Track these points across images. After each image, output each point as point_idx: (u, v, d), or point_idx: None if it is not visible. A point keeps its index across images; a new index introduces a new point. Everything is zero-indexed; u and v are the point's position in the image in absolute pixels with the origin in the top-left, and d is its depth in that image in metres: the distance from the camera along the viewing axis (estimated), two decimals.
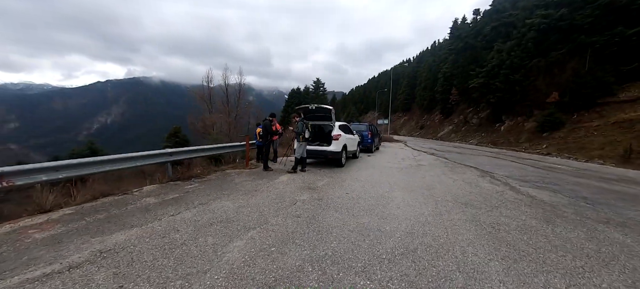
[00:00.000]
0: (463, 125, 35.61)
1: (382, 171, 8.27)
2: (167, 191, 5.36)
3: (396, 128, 61.43)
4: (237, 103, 20.72)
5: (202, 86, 20.36)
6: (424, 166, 9.53)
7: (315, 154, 8.37)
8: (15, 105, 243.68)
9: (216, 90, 20.85)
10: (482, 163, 10.94)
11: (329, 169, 8.24)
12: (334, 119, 8.54)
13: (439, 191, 5.84)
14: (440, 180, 7.18)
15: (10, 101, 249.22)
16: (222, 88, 20.78)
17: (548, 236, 3.60)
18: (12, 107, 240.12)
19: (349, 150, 9.46)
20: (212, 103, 19.95)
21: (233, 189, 5.59)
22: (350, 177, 7.09)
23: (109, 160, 4.84)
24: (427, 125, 49.30)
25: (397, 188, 6.05)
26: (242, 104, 21.51)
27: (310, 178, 6.80)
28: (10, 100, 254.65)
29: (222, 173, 7.26)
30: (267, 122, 7.70)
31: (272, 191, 5.45)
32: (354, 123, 15.66)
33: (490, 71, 27.65)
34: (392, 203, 4.87)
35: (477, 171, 8.84)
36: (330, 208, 4.44)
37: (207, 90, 20.56)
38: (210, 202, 4.67)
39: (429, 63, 56.08)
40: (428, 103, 51.84)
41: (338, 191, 5.55)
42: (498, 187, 6.52)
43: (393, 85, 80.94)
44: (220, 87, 21.06)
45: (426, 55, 72.80)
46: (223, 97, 19.72)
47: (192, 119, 19.14)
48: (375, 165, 9.46)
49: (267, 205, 4.56)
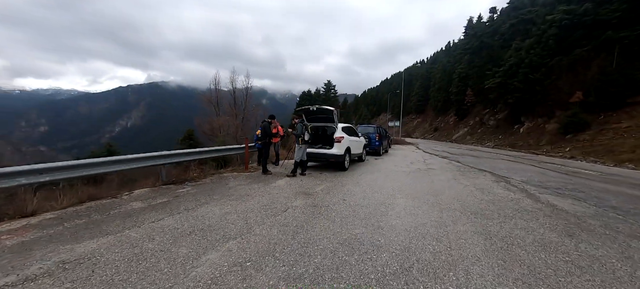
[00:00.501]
0: (479, 127, 34.28)
1: (387, 175, 7.82)
2: (156, 195, 5.17)
3: (409, 131, 60.13)
4: (244, 105, 20.78)
5: (210, 89, 20.64)
6: (433, 171, 8.99)
7: (317, 157, 8.04)
8: (45, 109, 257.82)
9: (224, 93, 21.06)
10: (497, 168, 10.24)
11: (332, 173, 7.88)
12: (337, 121, 8.18)
13: (446, 198, 5.35)
14: (450, 185, 6.66)
15: (41, 106, 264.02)
16: (229, 91, 20.96)
17: (571, 254, 3.10)
18: (43, 111, 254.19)
19: (354, 153, 9.06)
20: (219, 106, 20.07)
21: (225, 194, 5.34)
22: (351, 181, 6.70)
23: (96, 163, 4.71)
24: (441, 127, 47.92)
25: (400, 194, 5.61)
26: (250, 106, 21.52)
27: (308, 183, 6.47)
28: (41, 105, 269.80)
29: (219, 176, 7.05)
30: (265, 124, 7.45)
31: (265, 197, 5.16)
32: (362, 125, 15.21)
33: (508, 70, 26.44)
34: (392, 211, 4.45)
35: (491, 176, 8.22)
36: (322, 217, 4.08)
37: (214, 93, 20.76)
38: (197, 208, 4.42)
39: (443, 64, 54.68)
40: (442, 105, 50.46)
41: (335, 197, 5.19)
42: (514, 194, 5.94)
43: (406, 87, 79.62)
44: (227, 90, 21.27)
45: (440, 56, 71.16)
46: (230, 99, 19.81)
47: (199, 122, 19.30)
48: (381, 169, 9.01)
49: (255, 212, 4.26)
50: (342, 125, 8.61)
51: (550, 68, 23.41)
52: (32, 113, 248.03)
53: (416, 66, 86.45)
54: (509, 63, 26.50)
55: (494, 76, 28.47)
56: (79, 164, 4.39)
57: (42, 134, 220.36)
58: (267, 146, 7.48)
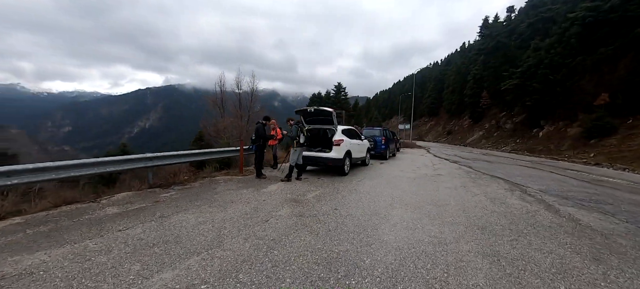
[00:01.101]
0: (495, 131, 32.87)
1: (389, 181, 7.30)
2: (137, 200, 4.90)
3: (421, 134, 58.71)
4: (249, 107, 20.62)
5: (215, 91, 20.68)
6: (441, 177, 8.37)
7: (314, 161, 7.62)
8: (70, 111, 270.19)
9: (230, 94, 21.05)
10: (513, 174, 9.48)
11: (330, 178, 7.43)
12: (336, 122, 7.74)
13: (451, 210, 4.80)
14: (457, 194, 6.07)
15: (65, 108, 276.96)
16: (235, 93, 20.91)
17: (598, 284, 2.54)
18: (67, 112, 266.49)
19: (355, 157, 8.58)
20: (224, 107, 20.04)
21: (208, 199, 5.00)
22: (348, 188, 6.24)
23: (74, 165, 4.48)
24: (455, 130, 46.44)
25: (399, 203, 5.10)
26: (255, 108, 21.34)
27: (302, 188, 6.05)
28: (66, 106, 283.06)
29: (210, 180, 6.75)
30: (259, 126, 7.10)
31: (250, 204, 4.78)
32: (367, 127, 14.66)
33: (526, 71, 25.16)
34: (387, 224, 3.97)
35: (505, 184, 7.54)
36: (305, 229, 3.65)
37: (219, 95, 20.76)
38: (172, 215, 4.09)
39: (457, 66, 53.14)
40: (456, 108, 48.94)
41: (326, 206, 4.74)
42: (530, 205, 5.31)
43: (419, 89, 78.04)
44: (232, 91, 21.22)
45: (455, 58, 69.37)
46: (236, 101, 19.74)
47: (204, 124, 19.33)
48: (385, 174, 8.47)
49: (233, 222, 3.88)
50: (343, 127, 8.16)
51: (573, 68, 22.05)
52: (58, 114, 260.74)
53: (428, 68, 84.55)
54: (527, 64, 25.20)
55: (511, 77, 27.16)
56: (54, 166, 4.16)
57: (66, 134, 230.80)
58: (262, 149, 7.12)
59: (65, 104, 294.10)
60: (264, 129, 7.10)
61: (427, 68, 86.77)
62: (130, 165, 5.38)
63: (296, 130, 6.66)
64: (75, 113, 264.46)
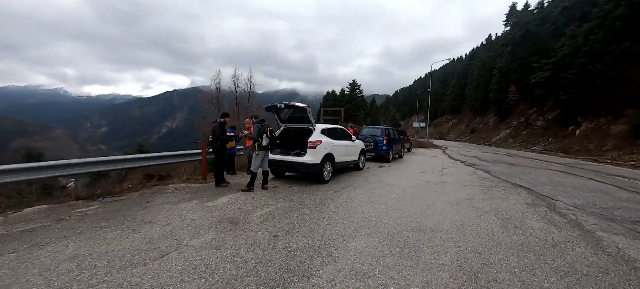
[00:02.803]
0: (524, 129, 29.83)
1: (376, 192, 5.97)
2: (41, 217, 4.02)
3: (443, 133, 55.55)
4: (246, 106, 19.85)
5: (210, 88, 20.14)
6: (446, 185, 6.89)
7: (287, 166, 6.46)
8: (106, 113, 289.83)
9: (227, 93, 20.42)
10: (540, 182, 7.74)
11: (306, 186, 6.24)
12: (313, 121, 6.53)
13: (438, 240, 3.45)
14: (458, 211, 4.66)
15: (102, 110, 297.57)
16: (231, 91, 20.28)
17: None
18: (104, 114, 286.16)
19: (342, 161, 7.31)
20: (220, 106, 19.35)
21: (126, 216, 4.02)
22: (317, 202, 5.01)
23: None
24: (479, 128, 43.20)
25: (370, 227, 3.81)
26: (252, 107, 20.52)
27: (257, 202, 4.92)
28: (103, 108, 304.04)
29: (160, 188, 5.82)
30: (216, 125, 6.07)
31: (171, 225, 3.72)
32: (367, 126, 13.23)
33: (559, 62, 22.31)
34: (330, 266, 2.74)
35: (527, 196, 5.95)
36: (197, 276, 2.52)
37: (215, 93, 20.17)
38: (50, 243, 3.12)
39: (482, 59, 49.49)
40: (480, 104, 45.51)
41: (268, 231, 3.58)
42: (558, 232, 3.81)
43: (441, 85, 74.14)
44: (230, 90, 20.60)
45: (479, 52, 64.99)
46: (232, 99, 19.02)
47: (199, 123, 18.81)
48: (375, 182, 7.13)
49: (119, 256, 2.83)
50: (324, 127, 6.93)
51: (617, 56, 19.05)
52: (95, 116, 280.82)
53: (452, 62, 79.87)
54: (562, 53, 22.28)
55: (542, 69, 24.24)
56: None
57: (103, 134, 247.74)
58: (221, 153, 6.08)
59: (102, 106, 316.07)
60: (222, 129, 6.06)
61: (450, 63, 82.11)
62: (52, 172, 4.53)
63: (258, 130, 5.54)
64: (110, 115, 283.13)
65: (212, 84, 20.62)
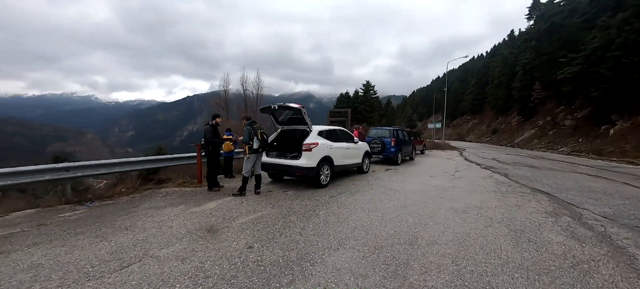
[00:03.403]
0: (550, 128, 27.93)
1: (378, 197, 5.54)
2: (25, 221, 3.98)
3: (462, 134, 53.41)
4: (254, 108, 19.82)
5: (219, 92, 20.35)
6: (455, 190, 6.32)
7: (283, 169, 6.18)
8: (132, 117, 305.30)
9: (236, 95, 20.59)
10: (565, 186, 6.97)
11: (301, 190, 5.91)
12: (309, 122, 6.21)
13: (433, 256, 3.01)
14: (464, 220, 4.16)
15: (129, 114, 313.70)
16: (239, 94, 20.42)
17: None
18: (130, 119, 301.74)
19: (343, 164, 6.93)
20: (228, 108, 19.45)
21: (106, 223, 3.88)
22: (309, 208, 4.67)
23: None
24: (502, 128, 41.08)
25: (358, 239, 3.43)
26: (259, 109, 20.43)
27: (244, 208, 4.65)
28: (129, 113, 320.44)
29: (152, 192, 5.71)
30: (207, 127, 5.89)
31: (148, 231, 3.53)
32: (374, 127, 12.69)
33: (590, 56, 20.63)
34: (299, 284, 2.40)
35: (548, 203, 5.31)
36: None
37: (223, 96, 20.34)
38: (12, 252, 3.01)
39: (504, 56, 47.14)
40: (503, 103, 43.32)
41: (243, 241, 3.30)
42: (581, 248, 3.26)
43: (461, 84, 71.44)
44: (239, 92, 20.75)
45: (501, 48, 62.01)
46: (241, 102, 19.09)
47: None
48: (380, 185, 6.67)
49: (68, 270, 2.64)
50: (322, 128, 6.60)
51: None
52: (123, 120, 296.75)
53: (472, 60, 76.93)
54: (592, 47, 20.56)
55: (570, 64, 22.51)
56: None
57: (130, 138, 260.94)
58: (213, 155, 5.89)
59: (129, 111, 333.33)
60: (214, 130, 5.87)
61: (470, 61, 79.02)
62: (37, 177, 4.51)
63: (248, 133, 5.30)
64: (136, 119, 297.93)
65: (221, 87, 20.90)
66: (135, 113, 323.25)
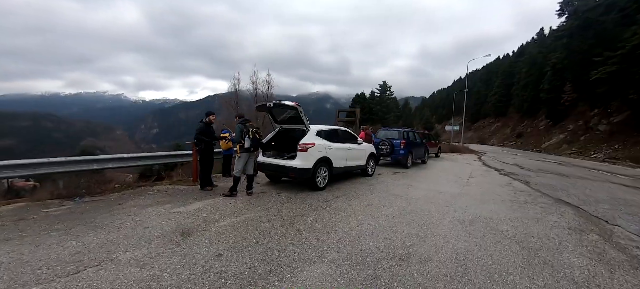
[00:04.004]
0: (582, 133, 25.87)
1: (377, 202, 5.12)
2: (7, 215, 3.94)
3: (484, 137, 51.01)
4: None
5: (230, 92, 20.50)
6: (466, 198, 5.76)
7: (278, 170, 5.88)
8: (157, 115, 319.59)
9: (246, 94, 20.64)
10: (595, 198, 6.20)
11: (297, 192, 5.61)
12: (307, 121, 5.88)
13: (424, 276, 2.60)
14: (468, 233, 3.67)
15: (154, 113, 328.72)
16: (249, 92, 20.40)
17: None
18: (155, 117, 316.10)
19: (343, 166, 6.53)
20: (238, 107, 19.45)
21: (85, 220, 3.77)
22: (295, 212, 4.35)
23: None
24: (527, 133, 38.74)
25: (341, 252, 3.07)
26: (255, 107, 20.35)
27: (231, 209, 4.41)
28: (155, 112, 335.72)
29: (143, 189, 5.62)
30: (201, 125, 5.69)
31: (119, 233, 3.36)
32: (384, 127, 12.12)
33: (629, 54, 18.83)
34: None
35: (572, 216, 4.68)
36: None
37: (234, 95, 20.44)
38: None
39: (532, 55, 44.44)
40: (529, 106, 40.86)
41: (215, 247, 3.03)
42: (609, 274, 2.73)
43: (484, 85, 68.30)
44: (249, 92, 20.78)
45: (529, 47, 58.56)
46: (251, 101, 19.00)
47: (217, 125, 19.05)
48: (383, 190, 6.22)
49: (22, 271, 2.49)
50: (319, 128, 6.24)
51: None
52: (149, 118, 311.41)
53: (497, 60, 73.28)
54: (632, 44, 18.71)
55: (605, 63, 20.65)
56: None
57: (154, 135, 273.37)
58: (206, 154, 5.69)
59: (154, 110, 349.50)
60: (207, 128, 5.67)
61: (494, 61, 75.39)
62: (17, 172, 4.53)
63: (239, 131, 5.06)
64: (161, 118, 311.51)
65: (236, 87, 21.07)
66: (160, 112, 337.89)
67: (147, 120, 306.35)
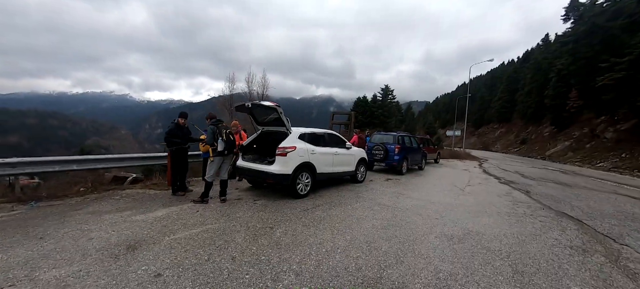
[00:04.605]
0: (588, 141, 25.19)
1: (359, 213, 4.71)
2: None
3: (488, 143, 50.24)
4: None
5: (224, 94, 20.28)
6: (459, 209, 5.31)
7: (256, 175, 5.48)
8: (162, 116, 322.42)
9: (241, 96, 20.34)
10: (600, 211, 5.71)
11: (276, 200, 5.21)
12: (288, 123, 5.50)
13: None
14: (454, 252, 3.24)
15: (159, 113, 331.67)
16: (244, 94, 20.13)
17: None
18: (160, 117, 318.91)
19: (326, 172, 6.07)
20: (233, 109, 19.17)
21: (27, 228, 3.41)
22: (264, 223, 3.96)
23: None
24: (532, 139, 38.00)
25: (303, 274, 2.66)
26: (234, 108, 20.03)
27: (197, 218, 4.02)
28: (159, 112, 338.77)
29: (111, 193, 5.26)
30: (171, 126, 5.34)
31: (57, 245, 2.98)
32: (379, 132, 11.68)
33: (636, 60, 18.26)
34: None
35: (575, 232, 4.21)
36: None
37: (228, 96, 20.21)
38: None
39: (537, 61, 43.75)
40: (534, 112, 40.18)
41: (157, 265, 2.64)
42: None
43: (488, 91, 67.56)
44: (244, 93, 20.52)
45: (534, 53, 57.86)
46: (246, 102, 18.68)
47: None
48: (370, 198, 5.79)
49: None
50: (303, 131, 5.84)
51: None
52: (153, 118, 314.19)
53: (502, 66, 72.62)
54: (639, 51, 18.15)
55: (612, 69, 20.05)
56: None
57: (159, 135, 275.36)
58: (178, 157, 5.33)
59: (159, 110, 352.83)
60: (178, 130, 5.31)
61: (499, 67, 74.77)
62: None
63: (212, 134, 4.69)
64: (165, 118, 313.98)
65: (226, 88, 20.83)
66: (165, 112, 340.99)
67: (152, 120, 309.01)
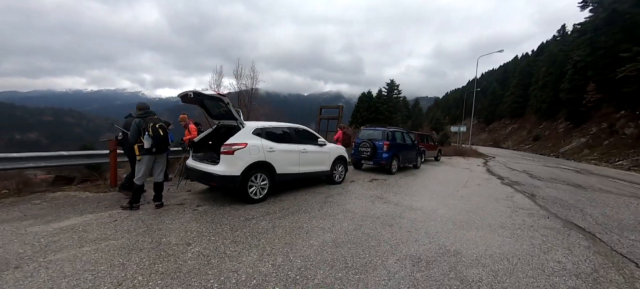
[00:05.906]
0: (606, 137, 23.50)
1: (316, 223, 3.92)
2: None
3: (499, 140, 48.28)
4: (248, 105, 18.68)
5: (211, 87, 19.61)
6: (443, 220, 4.45)
7: (201, 177, 4.69)
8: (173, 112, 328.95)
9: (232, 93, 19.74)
10: (616, 220, 4.74)
11: (225, 205, 4.48)
12: (239, 116, 4.73)
13: None
14: (413, 284, 2.42)
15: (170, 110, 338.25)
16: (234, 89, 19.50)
17: None
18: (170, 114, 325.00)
19: (290, 172, 5.23)
20: None
21: None
22: (182, 239, 3.21)
23: None
24: (545, 135, 36.12)
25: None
26: (253, 106, 19.39)
27: (108, 230, 3.32)
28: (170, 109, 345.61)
29: (39, 196, 4.62)
30: (129, 120, 4.62)
31: None
32: (368, 127, 10.75)
33: None
34: None
35: (584, 253, 3.32)
36: None
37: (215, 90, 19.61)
38: None
39: (552, 54, 41.50)
40: (548, 107, 38.18)
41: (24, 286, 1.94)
42: None
43: (499, 86, 65.04)
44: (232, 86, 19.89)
45: (550, 46, 55.12)
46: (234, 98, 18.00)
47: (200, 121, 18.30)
48: (337, 204, 4.98)
49: None
50: (260, 125, 5.06)
51: None
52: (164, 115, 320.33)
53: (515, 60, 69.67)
54: None
55: (634, 59, 18.40)
56: None
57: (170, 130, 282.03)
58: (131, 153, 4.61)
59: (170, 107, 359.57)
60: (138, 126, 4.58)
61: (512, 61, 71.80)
62: None
63: (136, 127, 3.96)
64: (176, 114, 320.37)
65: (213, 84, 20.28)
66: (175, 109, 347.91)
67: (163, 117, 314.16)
